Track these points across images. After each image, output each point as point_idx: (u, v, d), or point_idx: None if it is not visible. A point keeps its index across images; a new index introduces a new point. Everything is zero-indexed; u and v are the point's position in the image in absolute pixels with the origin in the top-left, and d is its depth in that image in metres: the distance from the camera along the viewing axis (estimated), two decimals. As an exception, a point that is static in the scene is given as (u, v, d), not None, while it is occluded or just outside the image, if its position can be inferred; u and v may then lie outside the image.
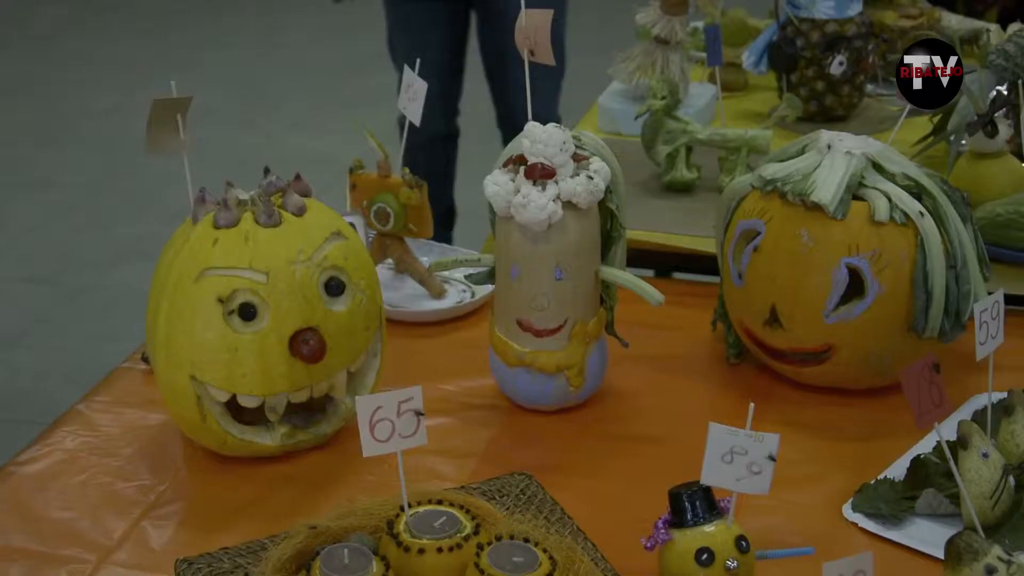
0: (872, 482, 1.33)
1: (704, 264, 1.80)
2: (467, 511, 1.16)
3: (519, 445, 1.46)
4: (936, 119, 2.01)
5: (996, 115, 1.84)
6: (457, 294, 1.78)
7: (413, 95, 1.69)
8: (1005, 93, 1.88)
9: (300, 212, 1.39)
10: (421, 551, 1.10)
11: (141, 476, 1.39)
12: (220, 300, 1.33)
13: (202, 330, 1.33)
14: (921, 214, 1.44)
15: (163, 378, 1.38)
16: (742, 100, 2.46)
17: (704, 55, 2.25)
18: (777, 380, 1.56)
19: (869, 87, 2.37)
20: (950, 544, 1.10)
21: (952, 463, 1.15)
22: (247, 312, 1.33)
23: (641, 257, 1.93)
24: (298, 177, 1.43)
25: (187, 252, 1.35)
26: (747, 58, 2.39)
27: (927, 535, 1.26)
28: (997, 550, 1.09)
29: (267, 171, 1.42)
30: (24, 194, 4.40)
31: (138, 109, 1.44)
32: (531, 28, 1.49)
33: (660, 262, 2.09)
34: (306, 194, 1.42)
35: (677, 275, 2.06)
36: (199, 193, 1.39)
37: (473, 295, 1.76)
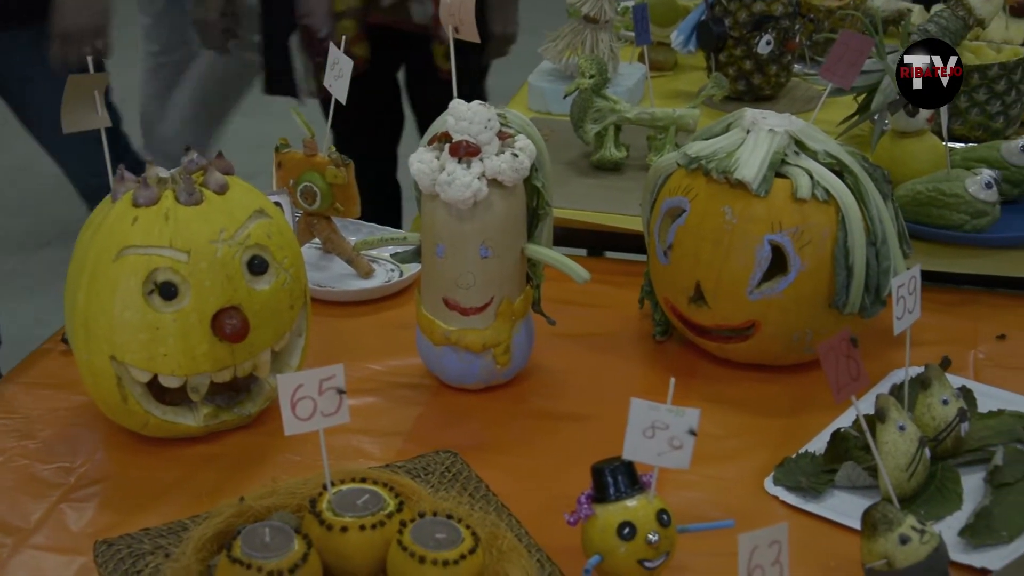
0: (793, 456, 1.35)
1: (634, 243, 1.81)
2: (391, 489, 1.16)
3: (446, 424, 1.46)
4: (861, 98, 2.03)
5: (918, 94, 1.86)
6: (385, 273, 1.77)
7: (339, 73, 1.68)
8: (927, 73, 1.90)
9: (222, 190, 1.37)
10: (344, 529, 1.10)
11: (60, 458, 1.37)
12: (140, 279, 1.31)
13: (121, 310, 1.31)
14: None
15: (83, 359, 1.36)
16: (671, 79, 2.48)
17: (633, 34, 2.25)
18: (702, 357, 1.57)
19: (796, 66, 2.39)
20: (866, 515, 1.12)
21: (869, 436, 1.17)
22: (168, 291, 1.32)
23: (573, 236, 1.93)
24: (220, 155, 1.41)
25: (106, 230, 1.33)
26: (676, 37, 2.40)
27: (846, 507, 1.28)
28: (911, 520, 1.11)
29: (188, 149, 1.40)
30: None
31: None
32: (455, 5, 1.48)
33: (592, 241, 2.10)
34: (228, 172, 1.40)
35: (609, 254, 2.07)
36: (118, 171, 1.37)
37: (401, 274, 1.75)
